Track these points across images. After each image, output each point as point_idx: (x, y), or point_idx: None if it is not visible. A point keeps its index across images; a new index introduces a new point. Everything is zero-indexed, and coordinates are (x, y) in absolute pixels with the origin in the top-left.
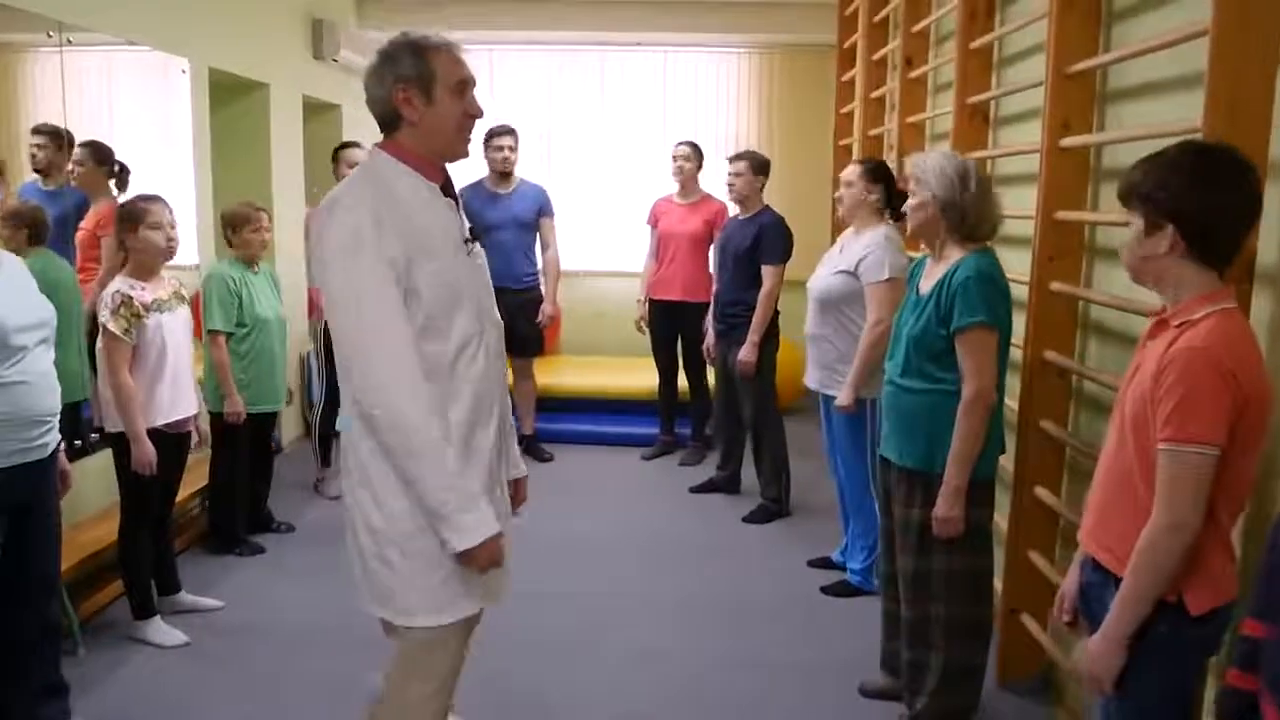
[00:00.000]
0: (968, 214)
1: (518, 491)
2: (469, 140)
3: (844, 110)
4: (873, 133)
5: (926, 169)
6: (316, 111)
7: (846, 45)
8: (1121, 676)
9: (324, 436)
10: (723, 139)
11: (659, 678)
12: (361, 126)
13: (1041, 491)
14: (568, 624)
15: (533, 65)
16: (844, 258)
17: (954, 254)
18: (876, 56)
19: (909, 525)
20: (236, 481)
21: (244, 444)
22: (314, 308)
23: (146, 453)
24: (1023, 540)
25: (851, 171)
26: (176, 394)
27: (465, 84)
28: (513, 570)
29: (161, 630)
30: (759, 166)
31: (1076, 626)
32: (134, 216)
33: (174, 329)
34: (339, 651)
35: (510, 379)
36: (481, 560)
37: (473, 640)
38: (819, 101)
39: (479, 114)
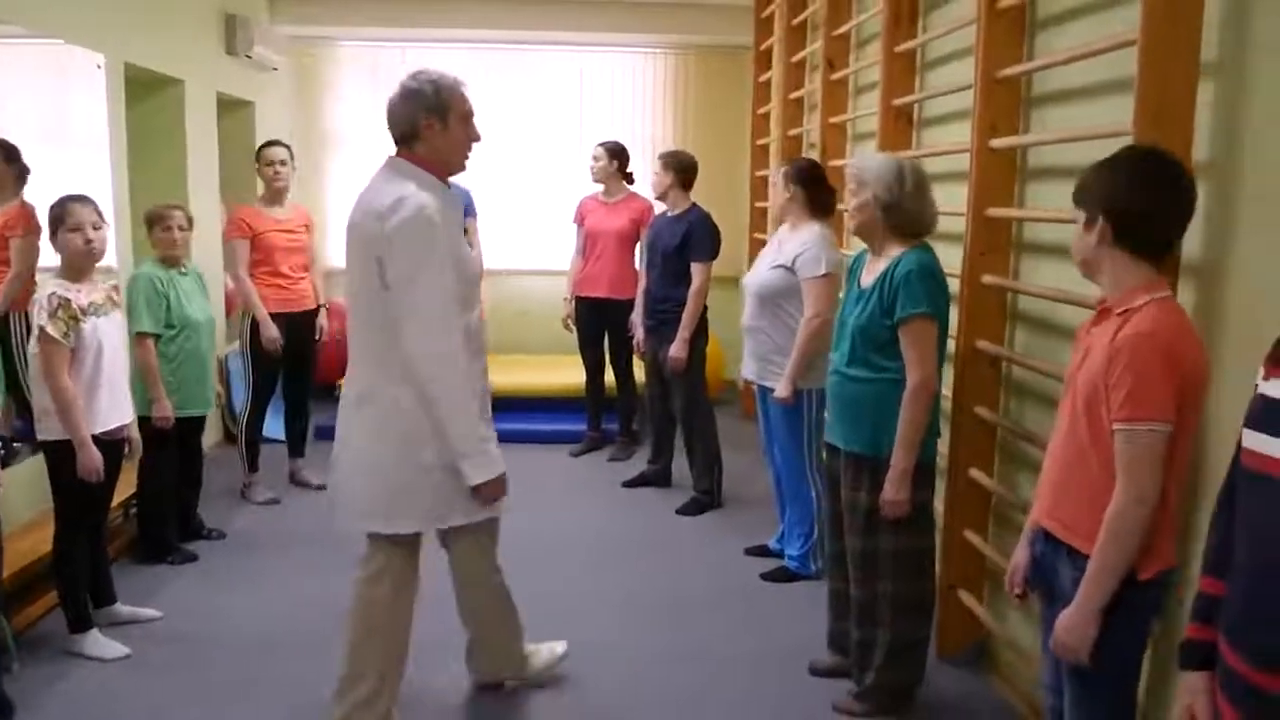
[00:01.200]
0: (906, 212)
1: None
2: (467, 159)
3: (761, 110)
4: (792, 132)
5: (867, 171)
6: (229, 109)
7: (763, 47)
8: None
9: (251, 441)
10: (640, 138)
11: (609, 671)
12: (270, 122)
13: (975, 473)
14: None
15: (449, 63)
16: (781, 253)
17: (894, 249)
18: (795, 59)
19: (857, 508)
20: (165, 488)
21: (172, 449)
22: (232, 305)
23: (93, 459)
24: (958, 520)
25: (784, 175)
26: (113, 400)
27: (469, 117)
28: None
29: (100, 643)
30: (675, 165)
31: (1026, 599)
32: (54, 219)
33: (110, 333)
34: (286, 657)
35: None
36: (490, 492)
37: None
38: (734, 102)
39: (479, 139)
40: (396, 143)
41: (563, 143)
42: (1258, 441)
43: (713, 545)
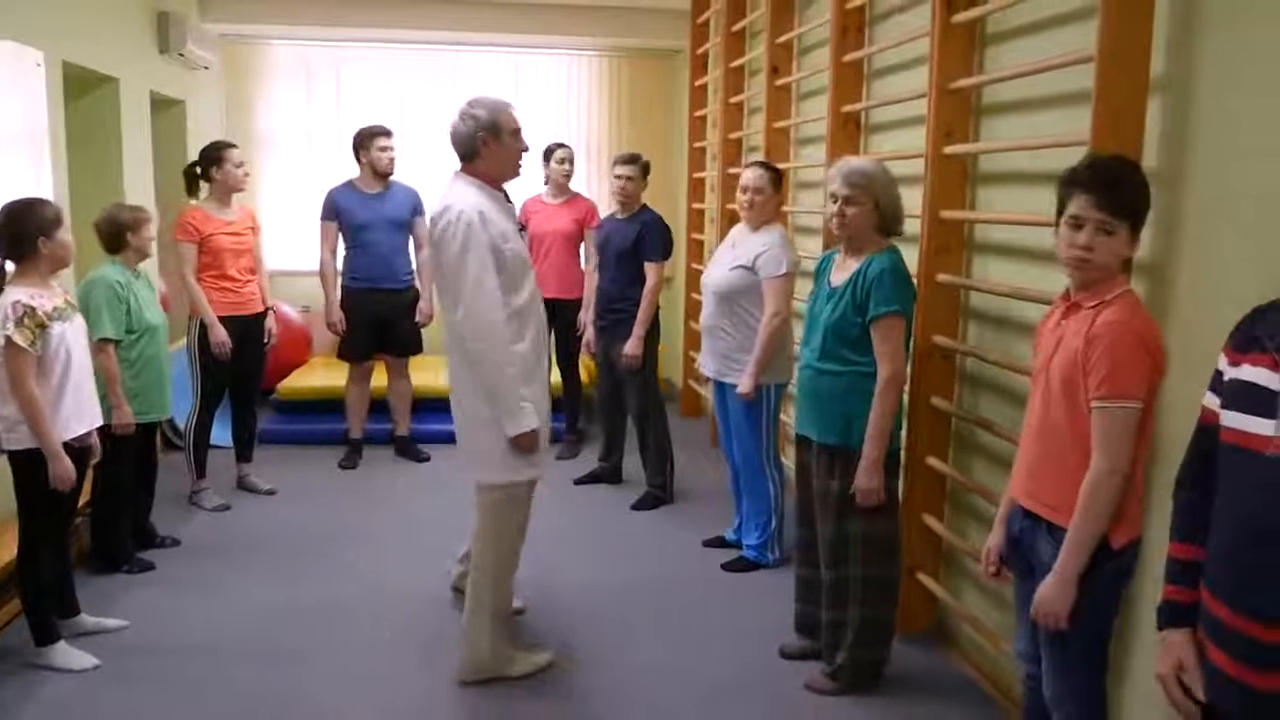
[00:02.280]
0: (890, 214)
1: None
2: (520, 166)
3: (698, 114)
4: (732, 136)
5: (869, 177)
6: (160, 108)
7: (699, 52)
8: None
9: (198, 447)
10: (575, 140)
11: (583, 658)
12: (202, 122)
13: (933, 461)
14: None
15: (383, 64)
16: (740, 253)
17: (868, 250)
18: (735, 64)
19: (829, 495)
20: (124, 496)
21: (131, 457)
22: (165, 308)
23: (67, 468)
24: (918, 505)
25: (761, 178)
26: (79, 407)
27: (518, 132)
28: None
29: (69, 654)
30: (645, 169)
31: (1001, 576)
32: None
33: (75, 338)
34: (257, 662)
35: (387, 379)
36: (524, 444)
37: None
38: (668, 105)
39: (527, 149)
40: (461, 160)
41: None
42: (1237, 420)
43: (671, 538)
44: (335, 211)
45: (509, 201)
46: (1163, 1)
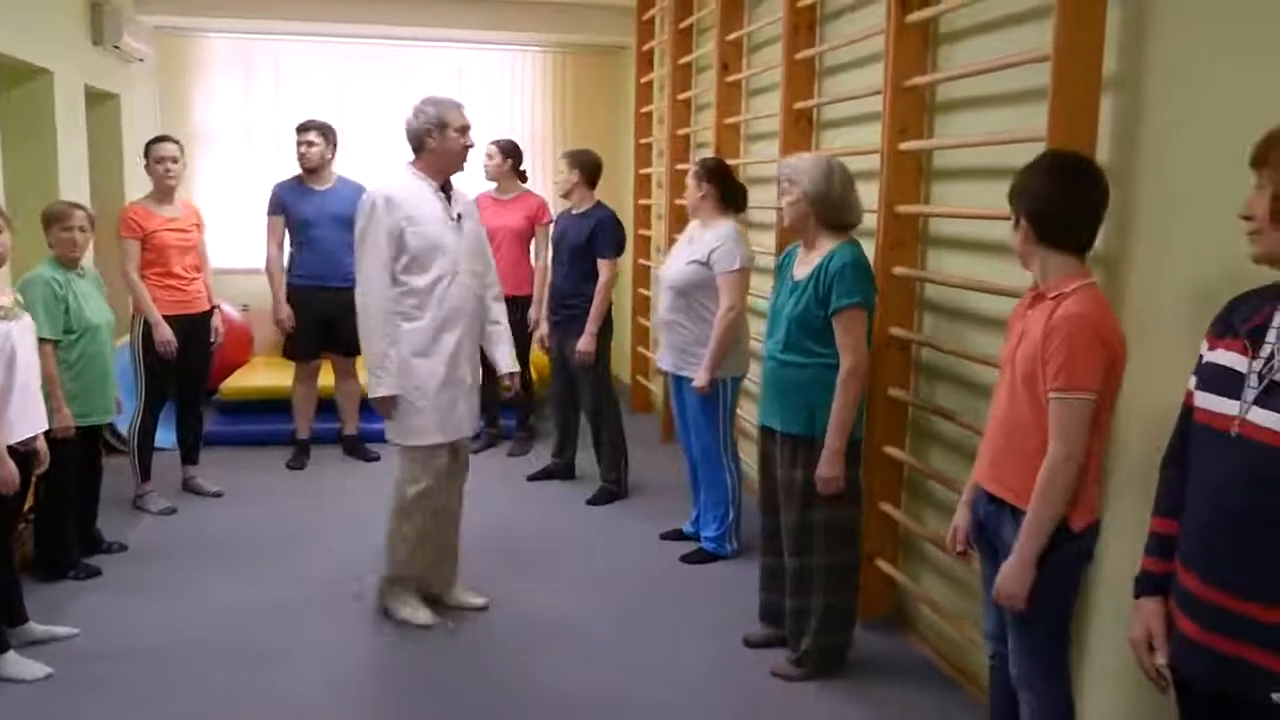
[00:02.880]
0: (836, 207)
1: (512, 380)
2: (464, 161)
3: (644, 110)
4: (680, 132)
5: (798, 171)
6: (94, 101)
7: (645, 48)
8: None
9: (143, 449)
10: (521, 136)
11: (552, 650)
12: (137, 115)
13: (891, 449)
14: (450, 618)
15: (324, 59)
16: (694, 249)
17: (826, 244)
18: (683, 61)
19: (793, 485)
20: (68, 502)
21: (74, 460)
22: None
23: (10, 472)
24: (876, 494)
25: (692, 171)
26: (25, 409)
27: (465, 129)
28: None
29: (20, 664)
30: (580, 164)
31: (966, 556)
32: None
33: (21, 338)
34: (211, 664)
35: (334, 379)
36: (382, 407)
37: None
38: (613, 100)
39: (472, 145)
40: (413, 152)
41: None
42: (1207, 401)
43: (629, 532)
44: (281, 207)
45: (445, 193)
46: (1114, 3)
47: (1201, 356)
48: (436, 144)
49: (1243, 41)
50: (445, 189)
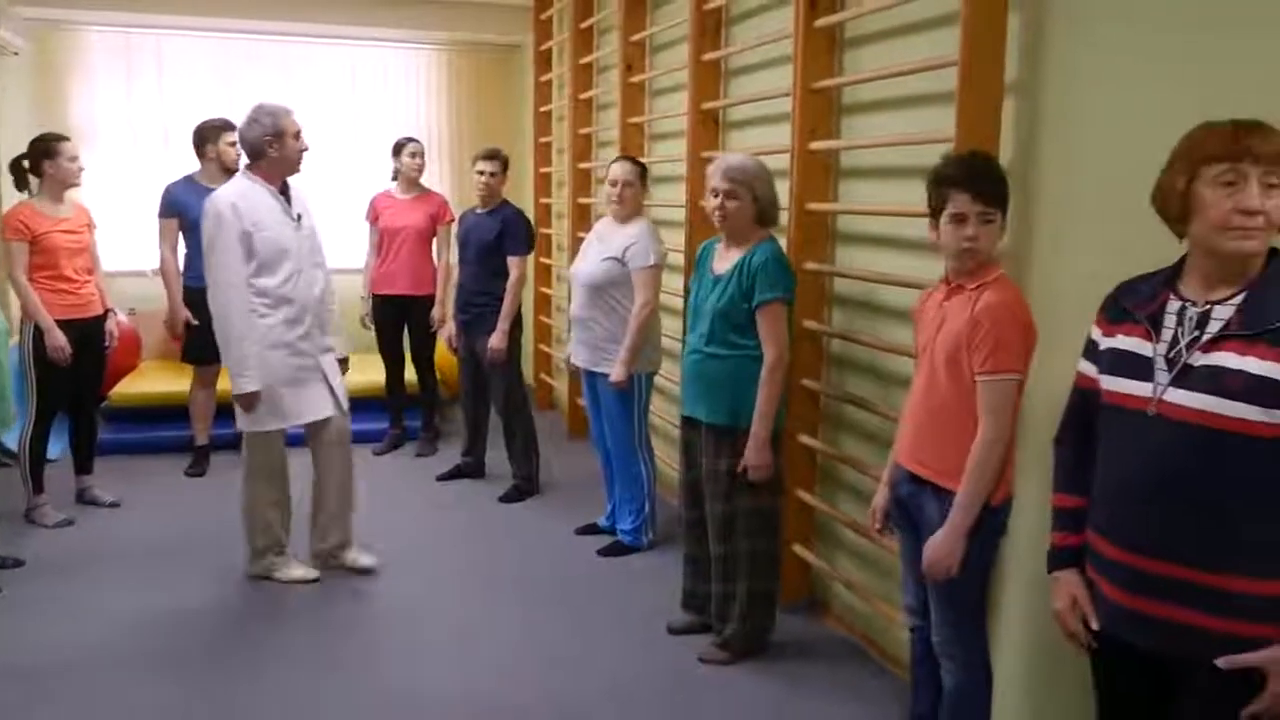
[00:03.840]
0: (767, 207)
1: (345, 365)
2: (301, 164)
3: (544, 109)
4: (582, 131)
5: (747, 172)
6: None
7: (543, 48)
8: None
9: (35, 460)
10: (418, 135)
11: (479, 651)
12: (10, 112)
13: (805, 438)
14: (378, 620)
15: (209, 54)
16: (607, 246)
17: (749, 240)
18: (584, 61)
19: (718, 475)
20: None
21: None
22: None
23: None
24: (791, 481)
25: (630, 172)
26: None
27: (299, 134)
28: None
29: None
30: (505, 163)
31: (884, 533)
32: None
33: None
34: (119, 677)
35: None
36: (244, 404)
37: None
38: (509, 99)
39: (307, 149)
40: (249, 159)
41: (336, 139)
42: (1117, 384)
43: (543, 528)
44: (175, 208)
45: (284, 195)
46: (1014, 10)
47: (1097, 342)
48: (277, 153)
49: (1133, 47)
50: (284, 191)
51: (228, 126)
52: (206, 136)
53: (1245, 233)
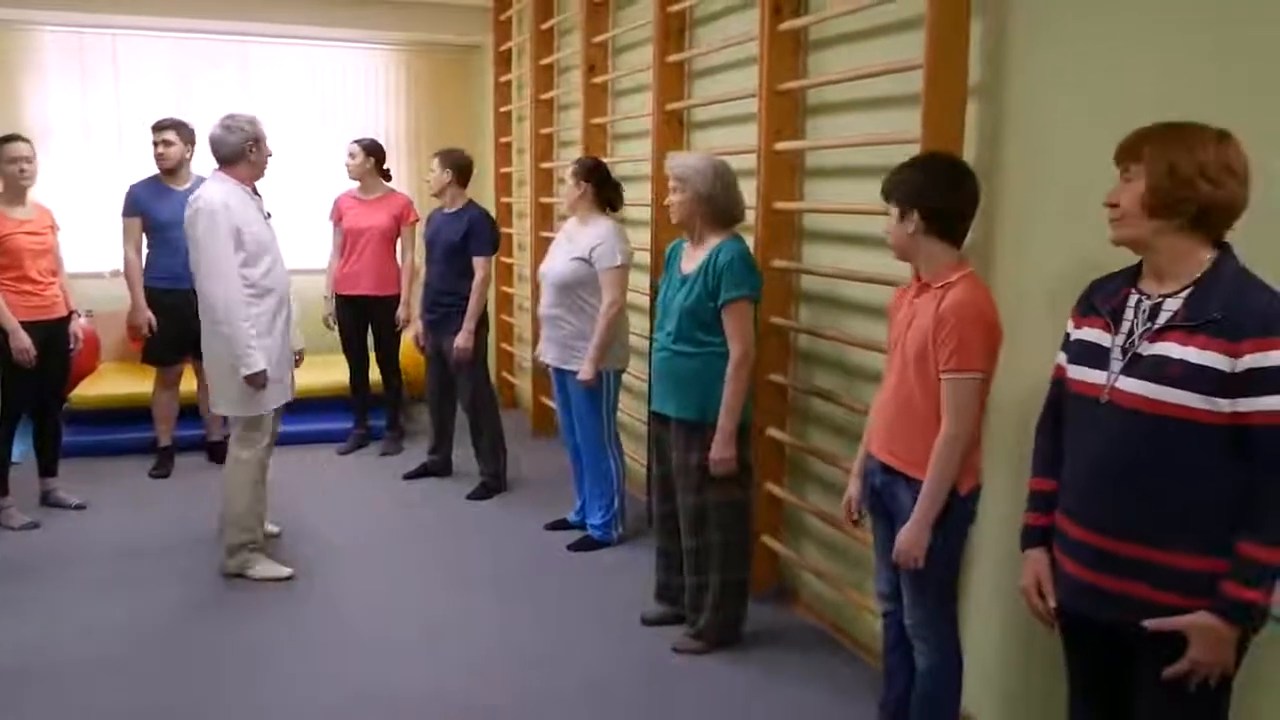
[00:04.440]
0: (722, 205)
1: (301, 357)
2: (267, 165)
3: (504, 109)
4: (544, 131)
5: (689, 169)
6: None
7: (503, 48)
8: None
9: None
10: (377, 134)
11: (456, 647)
12: None
13: (773, 431)
14: (347, 619)
15: (165, 54)
16: (575, 246)
17: (712, 239)
18: (544, 61)
19: (689, 469)
20: None
21: None
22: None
23: None
24: (761, 474)
25: (569, 170)
26: None
27: (266, 139)
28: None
29: None
30: (452, 163)
31: (859, 524)
32: None
33: None
34: (90, 682)
35: (196, 383)
36: (254, 381)
37: None
38: (470, 100)
39: (272, 154)
40: (221, 163)
41: (297, 140)
42: (1079, 374)
43: (513, 525)
44: (138, 208)
45: (258, 195)
46: (977, 15)
47: (1070, 335)
48: (256, 157)
49: (1093, 51)
50: (255, 191)
51: (161, 126)
52: (152, 134)
53: (1111, 224)
